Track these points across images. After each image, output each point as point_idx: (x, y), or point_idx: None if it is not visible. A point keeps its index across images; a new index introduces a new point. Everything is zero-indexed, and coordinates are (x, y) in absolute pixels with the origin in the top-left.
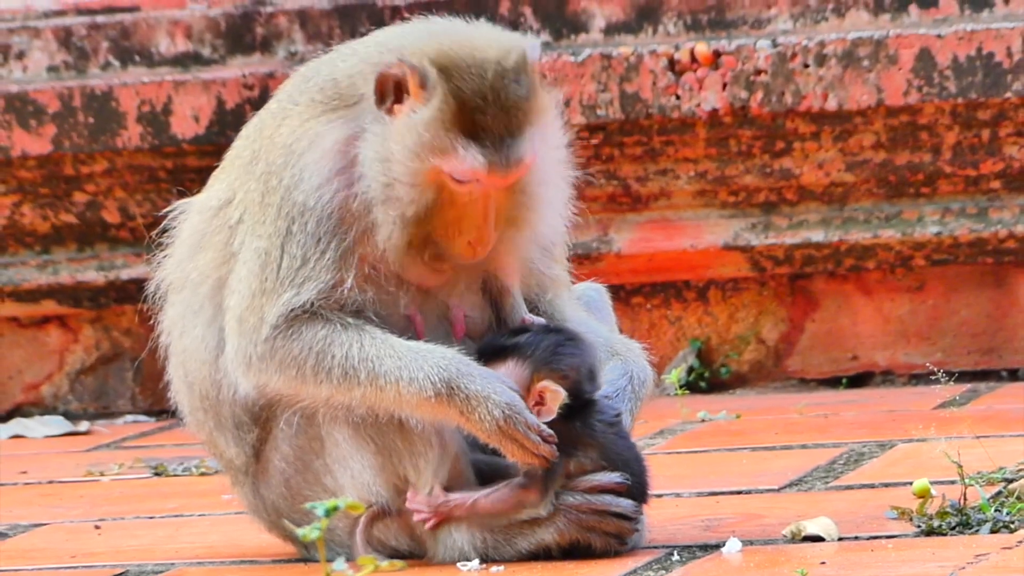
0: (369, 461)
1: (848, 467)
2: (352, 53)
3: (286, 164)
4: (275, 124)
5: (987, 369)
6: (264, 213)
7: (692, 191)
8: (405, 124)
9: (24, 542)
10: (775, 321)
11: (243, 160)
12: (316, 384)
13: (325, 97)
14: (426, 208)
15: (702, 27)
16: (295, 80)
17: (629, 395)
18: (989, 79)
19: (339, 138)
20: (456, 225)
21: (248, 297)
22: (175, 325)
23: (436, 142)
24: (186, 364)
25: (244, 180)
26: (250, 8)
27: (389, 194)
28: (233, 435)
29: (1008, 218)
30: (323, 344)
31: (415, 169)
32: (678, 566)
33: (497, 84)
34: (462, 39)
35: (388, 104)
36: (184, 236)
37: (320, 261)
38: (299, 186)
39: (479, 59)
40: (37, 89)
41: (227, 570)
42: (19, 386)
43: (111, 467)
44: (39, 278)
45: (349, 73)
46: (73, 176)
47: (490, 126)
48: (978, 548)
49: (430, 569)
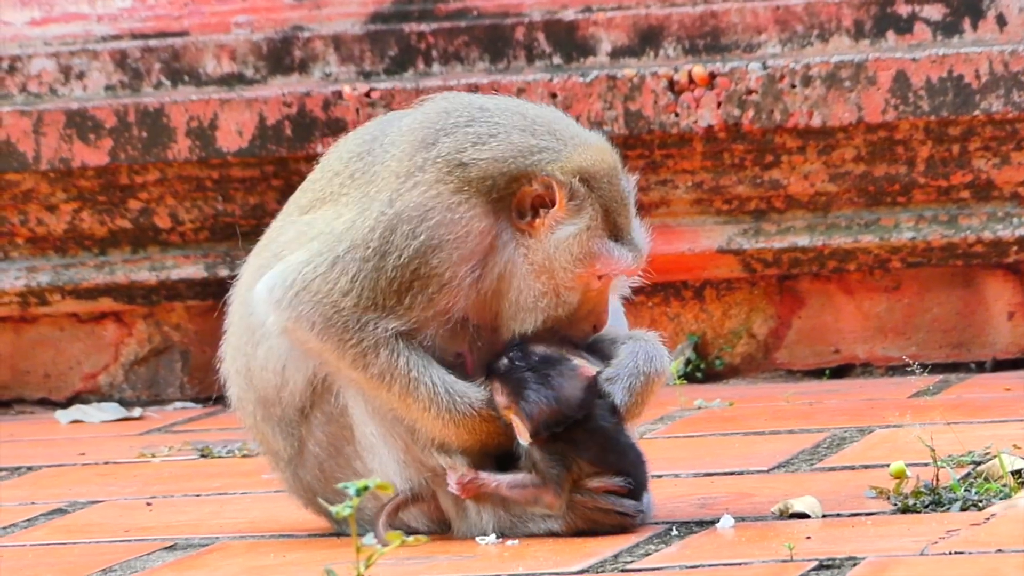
0: (395, 455)
1: (831, 450)
2: (478, 141)
3: (423, 219)
4: (404, 175)
5: (957, 361)
6: (377, 222)
7: (689, 200)
8: (559, 237)
9: (82, 517)
10: (765, 318)
11: (363, 183)
12: (352, 369)
13: (453, 177)
14: (574, 306)
15: (699, 51)
16: (405, 141)
17: (631, 373)
18: (959, 99)
19: (486, 227)
20: (592, 313)
21: (334, 274)
22: (246, 331)
23: (595, 248)
24: (253, 367)
25: (366, 205)
26: (289, 33)
27: (543, 302)
28: (282, 431)
29: (976, 224)
30: (373, 340)
31: (578, 275)
32: (676, 540)
33: (625, 186)
34: (589, 147)
35: (528, 220)
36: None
37: (412, 311)
38: (437, 253)
39: (609, 166)
40: (95, 106)
41: (267, 543)
42: (78, 376)
43: (161, 449)
44: (97, 278)
45: (478, 161)
46: (128, 185)
47: (626, 224)
48: (949, 524)
49: (452, 542)
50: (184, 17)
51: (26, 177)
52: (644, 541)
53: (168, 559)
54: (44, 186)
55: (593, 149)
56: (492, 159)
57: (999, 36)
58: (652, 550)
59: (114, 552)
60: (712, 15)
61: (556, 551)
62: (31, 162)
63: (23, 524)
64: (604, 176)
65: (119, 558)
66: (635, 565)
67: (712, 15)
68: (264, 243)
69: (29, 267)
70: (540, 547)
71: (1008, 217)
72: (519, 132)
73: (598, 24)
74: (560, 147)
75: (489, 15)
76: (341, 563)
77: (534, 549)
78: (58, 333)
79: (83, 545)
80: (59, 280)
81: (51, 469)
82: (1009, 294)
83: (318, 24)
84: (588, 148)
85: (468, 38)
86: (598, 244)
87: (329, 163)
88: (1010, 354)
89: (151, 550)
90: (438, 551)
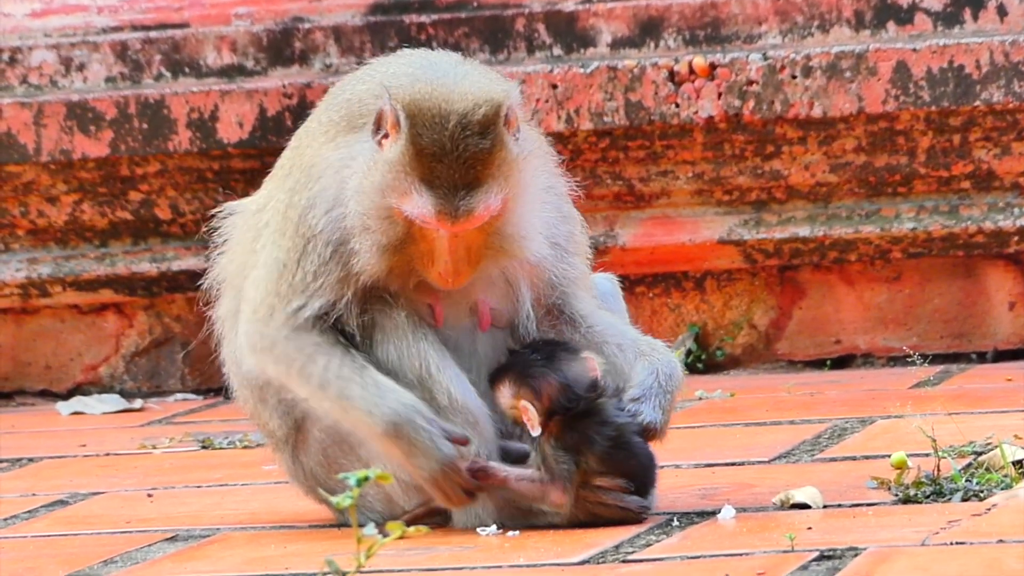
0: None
1: (832, 441)
2: (369, 78)
3: (305, 185)
4: (305, 142)
5: (958, 352)
6: (285, 225)
7: (690, 190)
8: (380, 159)
9: (83, 509)
10: (766, 308)
11: (282, 171)
12: (299, 384)
13: (340, 118)
14: (398, 239)
15: (699, 42)
16: (326, 98)
17: (656, 392)
18: (960, 89)
19: (342, 164)
20: (428, 257)
21: (263, 295)
22: (228, 318)
23: (397, 182)
24: (237, 352)
25: (277, 189)
26: (289, 24)
27: (364, 224)
28: (276, 410)
29: (977, 215)
30: (311, 351)
31: (380, 204)
32: (678, 531)
33: (457, 136)
34: (438, 87)
35: (379, 136)
36: (235, 237)
37: (328, 279)
38: (312, 209)
39: (445, 110)
40: (96, 98)
41: (268, 534)
42: (79, 367)
43: (162, 441)
44: (97, 269)
45: (360, 98)
46: (128, 177)
47: (445, 176)
48: (950, 515)
49: (452, 533)
50: (184, 8)
51: (27, 169)
52: (645, 532)
53: (169, 550)
54: (45, 178)
55: (443, 89)
56: (369, 88)
57: (1000, 26)
58: (653, 541)
59: (115, 543)
60: (712, 5)
61: (557, 542)
62: (32, 154)
63: (24, 515)
64: (432, 116)
65: (120, 549)
66: (636, 556)
67: (712, 5)
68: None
69: (30, 259)
70: (541, 538)
71: (1009, 207)
72: (404, 68)
73: (598, 15)
74: (414, 82)
75: (489, 6)
76: (342, 554)
77: (535, 540)
78: (59, 325)
79: (84, 536)
80: (60, 272)
81: (52, 460)
82: (1010, 284)
83: (318, 15)
84: (438, 86)
85: (468, 29)
86: (400, 180)
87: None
88: (1011, 344)
89: (152, 541)
90: (439, 542)
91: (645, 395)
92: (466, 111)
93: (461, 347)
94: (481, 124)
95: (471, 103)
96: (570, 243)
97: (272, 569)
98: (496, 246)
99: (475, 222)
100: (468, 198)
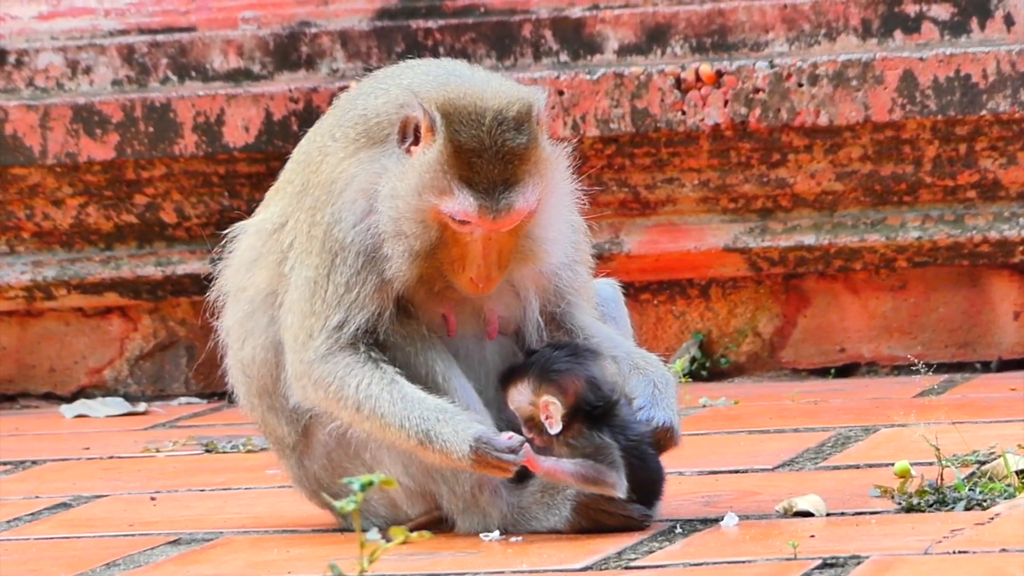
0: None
1: (835, 449)
2: (384, 91)
3: (327, 202)
4: (319, 159)
5: (963, 361)
6: (311, 244)
7: (696, 198)
8: (414, 164)
9: (86, 512)
10: (770, 316)
11: (294, 188)
12: (338, 407)
13: (357, 134)
14: (431, 244)
15: (706, 49)
16: (335, 112)
17: (660, 398)
18: (966, 98)
19: (369, 178)
20: (460, 262)
21: (300, 318)
22: (234, 329)
23: (435, 182)
24: (244, 361)
25: (295, 209)
26: (296, 28)
27: (397, 229)
28: (286, 417)
29: (982, 224)
30: (345, 371)
31: (416, 206)
32: (680, 538)
33: (495, 132)
34: (471, 87)
35: (407, 145)
36: (241, 251)
37: (363, 289)
38: (339, 224)
39: (480, 107)
40: (102, 101)
41: (271, 538)
42: (83, 370)
43: (166, 444)
44: (102, 272)
45: (378, 112)
46: (134, 180)
47: (485, 172)
48: (953, 524)
49: (456, 539)
50: (191, 12)
51: (32, 171)
52: (648, 539)
53: (172, 554)
54: (50, 180)
55: (475, 90)
56: (386, 101)
57: (1007, 36)
58: (656, 547)
59: (118, 546)
60: (719, 13)
61: (560, 548)
62: (37, 156)
63: (27, 518)
64: (468, 114)
65: (123, 552)
66: (639, 562)
67: (719, 13)
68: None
69: (35, 261)
70: (543, 544)
71: (1014, 217)
72: (421, 78)
73: (605, 22)
74: (442, 86)
75: (496, 12)
76: (345, 558)
77: (537, 546)
78: (63, 327)
79: (87, 539)
80: (65, 275)
81: (55, 463)
82: (1015, 294)
83: (325, 20)
84: (469, 87)
85: (475, 35)
86: (439, 179)
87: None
88: (1015, 354)
89: (155, 545)
90: (442, 547)
91: (651, 403)
92: (501, 107)
93: (470, 355)
94: (516, 120)
95: (504, 100)
96: (578, 252)
97: (275, 573)
98: (525, 250)
99: (515, 219)
100: (507, 194)
